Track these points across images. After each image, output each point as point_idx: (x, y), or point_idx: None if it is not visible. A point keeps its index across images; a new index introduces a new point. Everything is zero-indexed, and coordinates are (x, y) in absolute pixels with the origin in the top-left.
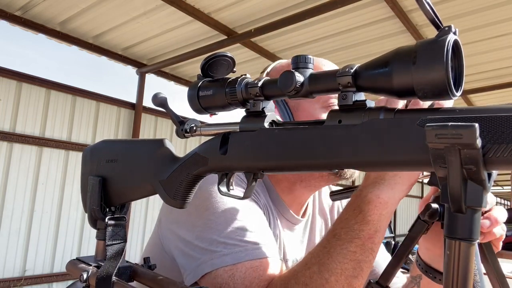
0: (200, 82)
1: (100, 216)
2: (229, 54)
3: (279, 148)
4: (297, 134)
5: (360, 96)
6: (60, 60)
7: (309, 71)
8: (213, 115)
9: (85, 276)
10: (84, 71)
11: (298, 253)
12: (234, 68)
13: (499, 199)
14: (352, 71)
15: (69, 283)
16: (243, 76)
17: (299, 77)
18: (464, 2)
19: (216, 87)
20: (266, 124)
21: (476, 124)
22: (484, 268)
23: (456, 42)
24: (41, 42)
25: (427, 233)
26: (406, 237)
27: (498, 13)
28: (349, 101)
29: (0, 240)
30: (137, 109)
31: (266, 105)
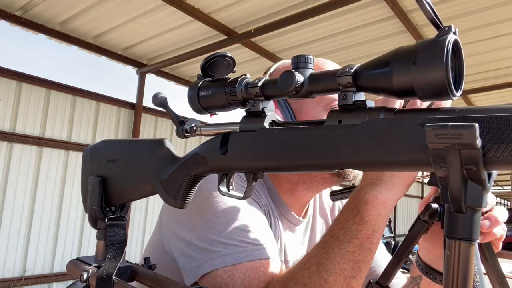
0: (200, 82)
1: (100, 216)
2: (229, 54)
3: (279, 148)
4: (297, 134)
5: (360, 96)
6: (60, 60)
7: (309, 71)
8: (213, 115)
9: (85, 276)
10: (84, 71)
11: (299, 254)
12: (234, 68)
13: (499, 199)
14: (352, 71)
15: (69, 283)
16: (243, 76)
17: (299, 77)
18: (464, 2)
19: (216, 87)
20: (266, 124)
21: (476, 124)
22: (484, 268)
23: (456, 42)
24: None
25: (427, 233)
26: (406, 237)
27: (498, 13)
28: (349, 101)
29: (0, 240)
30: (137, 109)
31: (266, 105)
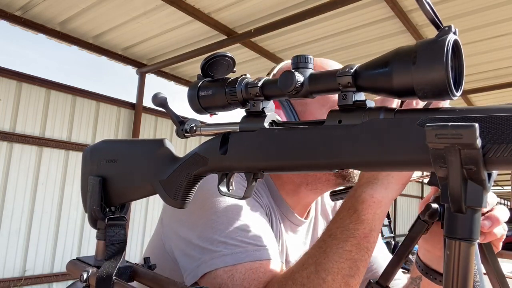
0: (200, 82)
1: (100, 216)
2: (229, 54)
3: (279, 148)
4: (297, 134)
5: (360, 96)
6: (60, 60)
7: (309, 71)
8: (213, 115)
9: (85, 276)
10: (84, 71)
11: (301, 254)
12: (234, 68)
13: (499, 199)
14: (352, 71)
15: (69, 283)
16: (243, 76)
17: (299, 77)
18: (464, 2)
19: (216, 87)
20: (266, 124)
21: (476, 124)
22: (484, 268)
23: (456, 42)
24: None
25: (427, 234)
26: (406, 237)
27: (498, 13)
28: (349, 101)
29: (0, 240)
30: (137, 109)
31: (266, 105)
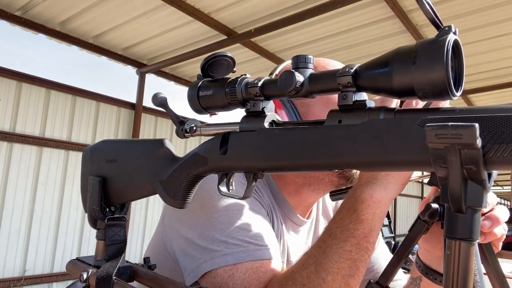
0: (200, 82)
1: (100, 216)
2: (229, 54)
3: (279, 148)
4: (297, 134)
5: (360, 96)
6: (60, 60)
7: (309, 71)
8: (213, 115)
9: (85, 276)
10: (84, 71)
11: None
12: (234, 68)
13: (499, 199)
14: (352, 71)
15: (69, 283)
16: (243, 76)
17: (299, 77)
18: (464, 2)
19: (216, 87)
20: (266, 124)
21: (476, 124)
22: (484, 268)
23: (456, 42)
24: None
25: (427, 234)
26: (406, 237)
27: (498, 13)
28: (349, 101)
29: (0, 240)
30: (137, 109)
31: (266, 105)
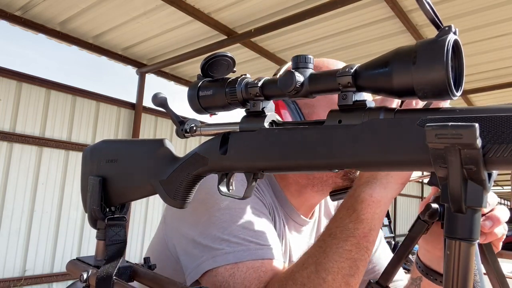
0: (200, 82)
1: (100, 216)
2: (229, 54)
3: (279, 148)
4: (297, 134)
5: (360, 96)
6: (60, 60)
7: (309, 71)
8: (213, 115)
9: (85, 276)
10: (84, 71)
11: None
12: (234, 68)
13: (499, 199)
14: (352, 71)
15: (69, 283)
16: (243, 76)
17: (299, 77)
18: (464, 2)
19: (216, 87)
20: (266, 124)
21: (476, 124)
22: (484, 268)
23: (456, 42)
24: (41, 42)
25: (427, 235)
26: (406, 237)
27: (498, 13)
28: (349, 101)
29: (0, 240)
30: (137, 109)
31: (266, 105)
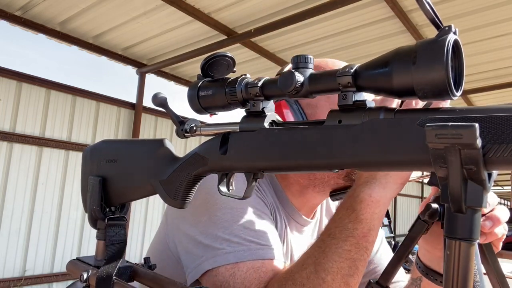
0: (200, 82)
1: (100, 216)
2: (229, 54)
3: (279, 148)
4: (297, 134)
5: (360, 96)
6: (60, 60)
7: (309, 71)
8: (213, 115)
9: (85, 276)
10: (84, 71)
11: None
12: (234, 68)
13: (499, 199)
14: (352, 71)
15: (69, 283)
16: (243, 76)
17: (299, 77)
18: (464, 2)
19: (216, 87)
20: (266, 124)
21: (476, 124)
22: (484, 268)
23: (456, 42)
24: (41, 42)
25: (427, 235)
26: (406, 237)
27: (498, 13)
28: (349, 101)
29: (0, 240)
30: (137, 109)
31: (266, 105)
